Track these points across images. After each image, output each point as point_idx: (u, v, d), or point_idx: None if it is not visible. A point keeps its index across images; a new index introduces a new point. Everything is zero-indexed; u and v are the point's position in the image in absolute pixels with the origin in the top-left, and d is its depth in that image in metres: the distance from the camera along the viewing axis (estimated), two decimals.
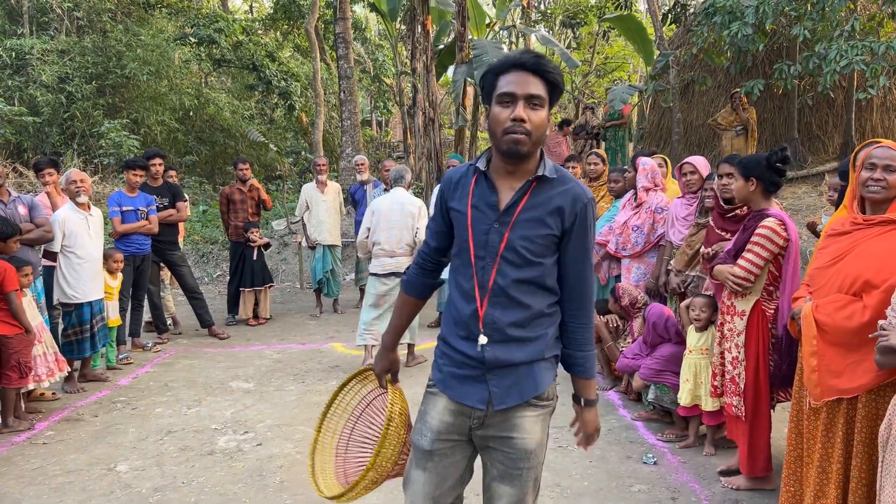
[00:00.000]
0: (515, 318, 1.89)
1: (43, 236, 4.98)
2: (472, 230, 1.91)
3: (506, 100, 1.81)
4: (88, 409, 4.91)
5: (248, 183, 7.67)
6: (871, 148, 2.71)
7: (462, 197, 1.96)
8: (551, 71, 1.84)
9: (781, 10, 8.63)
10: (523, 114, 1.78)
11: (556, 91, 1.87)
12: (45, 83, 14.46)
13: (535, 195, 1.88)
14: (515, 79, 1.81)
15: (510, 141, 1.80)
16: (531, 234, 1.87)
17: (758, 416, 3.44)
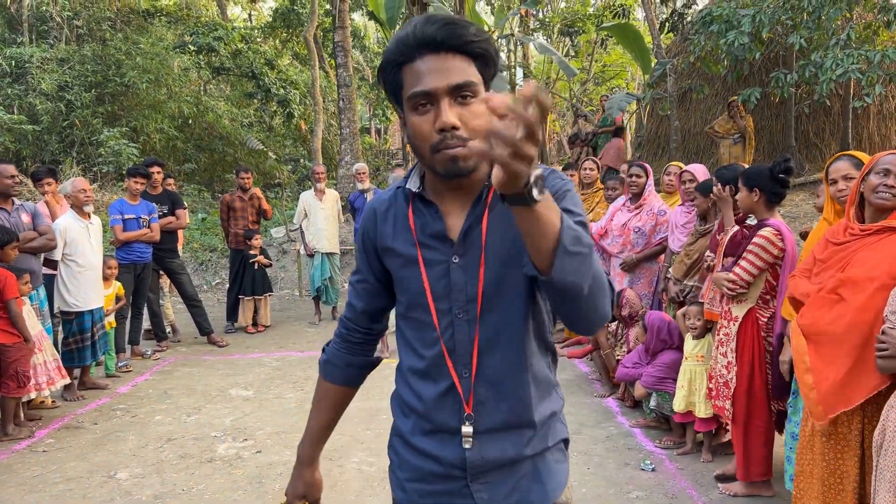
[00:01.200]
0: (517, 392, 1.36)
1: (46, 244, 5.00)
2: (428, 276, 1.37)
3: (422, 102, 1.25)
4: (88, 417, 4.92)
5: (249, 191, 7.70)
6: (882, 154, 2.72)
7: (400, 233, 1.42)
8: (473, 38, 1.25)
9: (778, 19, 8.70)
10: (451, 118, 1.22)
11: (489, 64, 1.30)
12: (44, 91, 14.51)
13: (496, 209, 1.35)
14: (427, 66, 1.24)
15: (446, 160, 1.24)
16: (506, 261, 1.33)
17: (752, 422, 3.46)
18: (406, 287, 1.42)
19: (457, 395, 1.36)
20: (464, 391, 1.35)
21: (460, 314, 1.35)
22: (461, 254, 1.35)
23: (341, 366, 1.58)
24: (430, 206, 1.38)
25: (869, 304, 2.59)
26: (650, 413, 4.47)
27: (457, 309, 1.35)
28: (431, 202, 1.38)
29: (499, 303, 1.35)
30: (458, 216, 1.37)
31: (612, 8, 15.49)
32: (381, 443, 4.31)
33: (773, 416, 3.53)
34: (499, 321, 1.35)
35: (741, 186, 3.46)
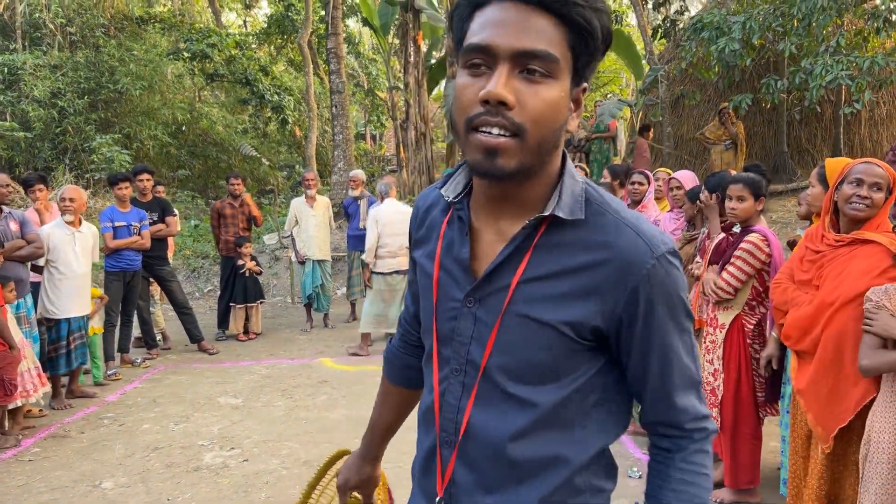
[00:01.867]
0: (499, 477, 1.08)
1: (34, 252, 4.98)
2: (437, 309, 1.11)
3: (476, 60, 0.95)
4: (75, 426, 4.89)
5: (240, 198, 7.68)
6: (855, 163, 2.73)
7: (430, 244, 1.16)
8: (579, 1, 0.92)
9: (768, 25, 8.74)
10: (504, 91, 0.91)
11: (590, 43, 0.95)
12: (37, 98, 14.49)
13: (545, 251, 1.02)
14: (499, 16, 0.94)
15: (478, 147, 0.94)
16: (534, 332, 1.02)
17: (739, 429, 3.46)
18: (422, 313, 1.17)
19: (435, 463, 1.13)
20: (442, 464, 1.11)
21: (457, 373, 1.08)
22: (479, 298, 1.05)
23: (399, 366, 1.41)
24: (463, 218, 1.08)
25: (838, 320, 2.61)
26: (639, 419, 4.45)
27: (455, 364, 1.08)
28: (467, 215, 1.08)
29: (509, 384, 1.04)
30: (493, 243, 1.05)
31: None
32: None
33: (761, 422, 3.54)
34: (505, 404, 1.05)
35: (746, 196, 3.42)
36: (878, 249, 2.55)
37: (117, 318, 6.23)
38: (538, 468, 1.06)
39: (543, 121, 0.94)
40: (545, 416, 1.04)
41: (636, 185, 5.22)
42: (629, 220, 1.02)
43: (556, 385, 1.04)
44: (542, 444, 1.05)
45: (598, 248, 1.00)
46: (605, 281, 1.00)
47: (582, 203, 1.02)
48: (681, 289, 1.05)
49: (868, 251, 2.59)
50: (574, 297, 1.00)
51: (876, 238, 2.60)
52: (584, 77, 1.00)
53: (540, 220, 1.01)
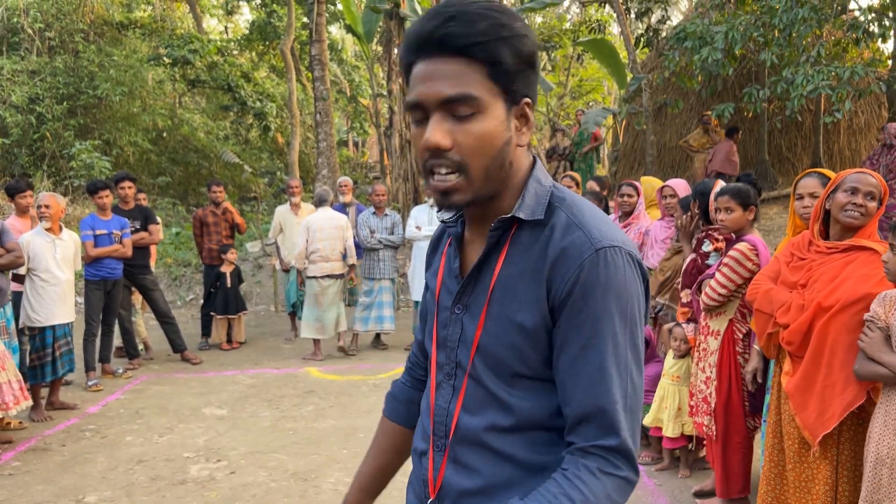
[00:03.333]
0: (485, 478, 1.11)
1: (14, 261, 4.88)
2: (438, 320, 1.19)
3: (417, 115, 1.05)
4: (56, 438, 4.78)
5: (222, 206, 7.60)
6: (848, 172, 2.75)
7: (435, 265, 1.27)
8: (478, 39, 0.99)
9: (750, 35, 8.85)
10: (438, 138, 1.00)
11: (506, 70, 1.02)
12: (14, 104, 14.25)
13: (515, 250, 1.09)
14: (423, 71, 1.03)
15: (435, 190, 1.05)
16: (508, 327, 1.07)
17: (730, 439, 3.46)
18: (428, 326, 1.24)
19: (426, 466, 1.18)
20: (434, 465, 1.16)
21: (449, 377, 1.15)
22: (465, 304, 1.12)
23: (402, 401, 1.38)
24: (458, 235, 1.18)
25: (832, 325, 2.62)
26: None
27: (447, 369, 1.15)
28: (458, 231, 1.18)
29: (493, 385, 1.09)
30: (478, 252, 1.13)
31: (587, 23, 15.68)
32: (357, 462, 4.22)
33: (751, 432, 3.54)
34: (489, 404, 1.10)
35: (734, 207, 3.42)
36: (876, 257, 2.57)
37: (98, 327, 6.11)
38: (524, 471, 1.09)
39: (481, 152, 1.03)
40: (528, 419, 1.08)
41: (626, 196, 5.25)
42: (582, 217, 1.07)
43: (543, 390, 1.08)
44: (524, 444, 1.09)
45: (551, 244, 1.05)
46: (552, 269, 1.04)
47: (544, 204, 1.09)
48: (623, 289, 1.03)
49: (866, 258, 2.61)
50: (533, 290, 1.05)
51: (873, 246, 2.62)
52: (520, 94, 1.06)
53: (507, 221, 1.09)
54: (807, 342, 2.73)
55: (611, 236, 1.04)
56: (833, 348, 2.63)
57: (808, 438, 2.71)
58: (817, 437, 2.65)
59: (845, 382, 2.60)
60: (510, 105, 1.05)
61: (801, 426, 2.73)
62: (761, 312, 2.97)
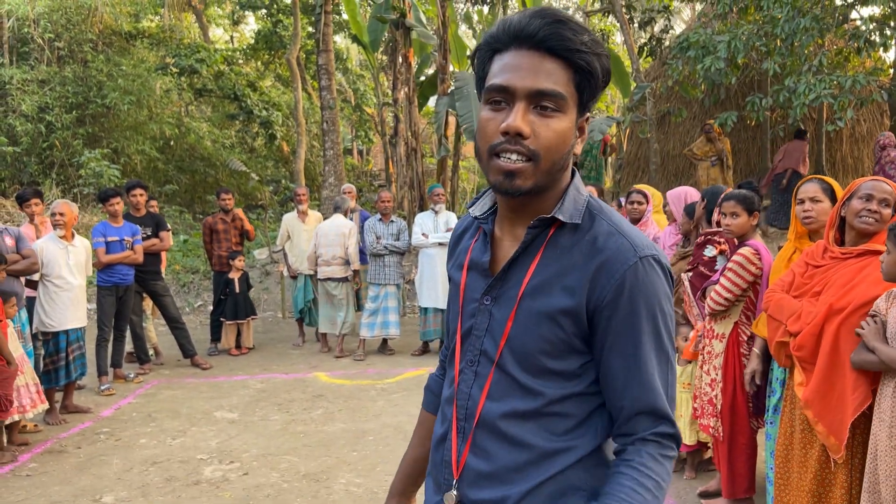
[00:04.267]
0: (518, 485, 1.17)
1: (30, 267, 4.98)
2: (462, 310, 1.26)
3: (497, 98, 1.12)
4: (71, 441, 4.87)
5: (231, 213, 7.70)
6: (864, 180, 2.83)
7: (460, 258, 1.32)
8: (582, 48, 1.09)
9: (752, 45, 8.94)
10: (521, 124, 1.08)
11: (592, 81, 1.13)
12: (24, 113, 14.41)
13: (551, 251, 1.17)
14: (515, 61, 1.10)
15: (499, 171, 1.11)
16: (540, 323, 1.15)
17: (736, 440, 3.53)
18: (451, 318, 1.32)
19: (449, 449, 1.24)
20: (458, 449, 1.22)
21: (471, 364, 1.22)
22: (495, 296, 1.20)
23: (438, 393, 1.47)
24: (486, 233, 1.25)
25: (845, 327, 2.68)
26: None
27: (470, 356, 1.22)
28: (491, 228, 1.25)
29: (519, 374, 1.17)
30: (510, 248, 1.21)
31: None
32: (367, 465, 4.32)
33: (756, 433, 3.61)
34: (510, 390, 1.18)
35: (740, 212, 3.50)
36: None
37: (110, 332, 6.20)
38: (537, 456, 1.16)
39: (554, 148, 1.12)
40: (549, 407, 1.16)
41: (635, 203, 5.35)
42: (621, 227, 1.17)
43: (564, 381, 1.17)
44: (540, 431, 1.16)
45: (592, 248, 1.14)
46: (595, 275, 1.13)
47: (582, 210, 1.18)
48: (661, 294, 1.15)
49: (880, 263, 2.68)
50: (571, 289, 1.14)
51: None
52: (588, 109, 1.18)
53: (545, 222, 1.17)
54: (817, 348, 2.78)
55: (650, 245, 1.16)
56: (845, 351, 2.67)
57: (831, 446, 2.69)
58: (843, 443, 2.65)
59: (855, 384, 2.65)
60: (580, 115, 1.16)
61: (825, 433, 2.70)
62: (773, 320, 3.03)
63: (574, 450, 1.17)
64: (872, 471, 2.40)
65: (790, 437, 2.98)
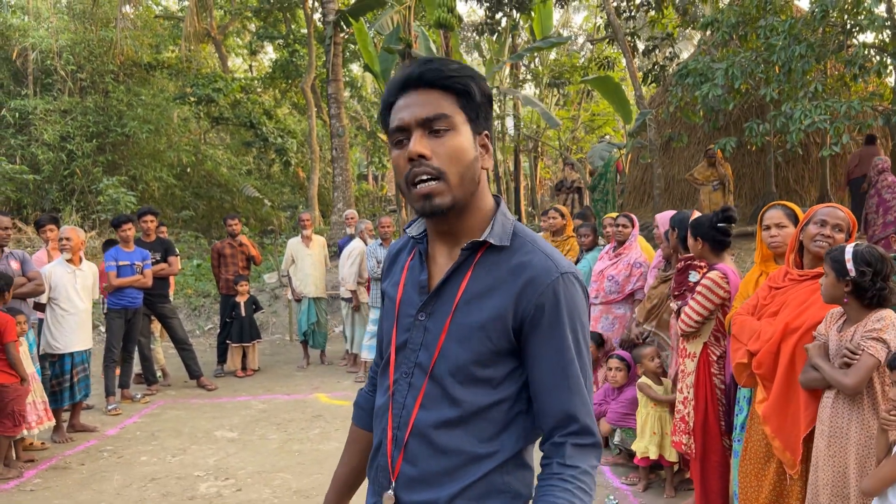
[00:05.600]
0: (449, 487, 1.28)
1: (35, 290, 5.21)
2: (397, 325, 1.36)
3: (399, 137, 1.27)
4: (76, 458, 5.06)
5: (238, 238, 7.95)
6: (819, 206, 2.99)
7: (395, 276, 1.43)
8: (452, 73, 1.26)
9: (751, 72, 9.10)
10: (420, 147, 1.22)
11: (472, 100, 1.28)
12: (46, 142, 14.93)
13: (482, 270, 1.29)
14: (404, 103, 1.27)
15: (418, 197, 1.24)
16: (471, 335, 1.27)
17: (708, 458, 3.63)
18: (385, 332, 1.42)
19: (384, 456, 1.33)
20: (392, 456, 1.32)
21: (406, 375, 1.32)
22: (429, 312, 1.31)
23: (368, 409, 1.56)
24: (422, 252, 1.37)
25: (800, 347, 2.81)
26: (615, 449, 4.62)
27: (405, 368, 1.32)
28: (426, 248, 1.37)
29: (449, 384, 1.27)
30: (444, 266, 1.33)
31: (597, 60, 16.05)
32: None
33: (728, 451, 3.70)
34: (444, 402, 1.27)
35: (689, 235, 3.70)
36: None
37: (118, 354, 6.42)
38: (465, 461, 1.27)
39: (456, 160, 1.25)
40: (474, 414, 1.27)
41: (621, 227, 5.48)
42: (544, 248, 1.31)
43: (491, 389, 1.28)
44: (467, 437, 1.27)
45: (518, 267, 1.28)
46: (522, 290, 1.26)
47: (510, 234, 1.31)
48: (581, 306, 1.29)
49: None
50: (498, 304, 1.26)
51: None
52: (482, 126, 1.32)
53: (476, 245, 1.29)
54: (775, 366, 2.91)
55: (569, 264, 1.30)
56: (800, 369, 2.81)
57: (787, 461, 2.85)
58: (797, 458, 2.79)
59: (807, 402, 2.78)
60: (475, 132, 1.30)
61: (780, 449, 2.87)
62: (735, 340, 3.16)
63: (498, 454, 1.28)
64: (814, 481, 2.51)
65: (751, 454, 3.09)
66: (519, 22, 17.46)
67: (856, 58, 8.63)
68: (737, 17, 9.63)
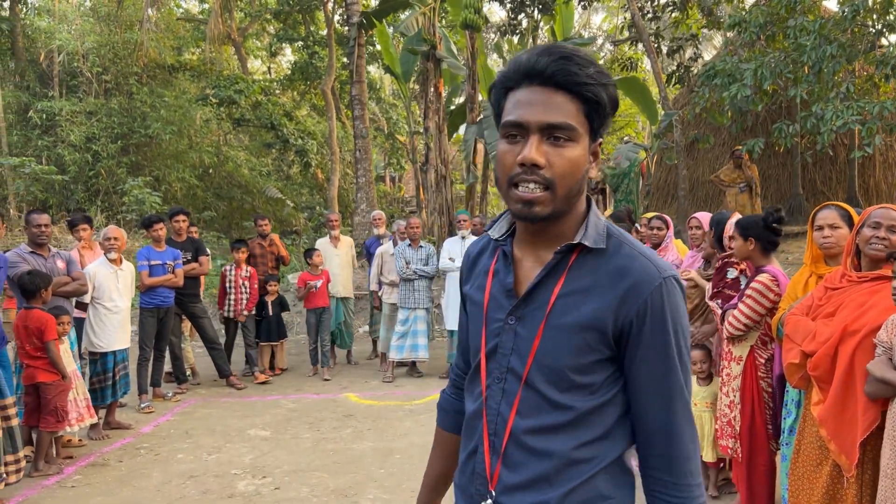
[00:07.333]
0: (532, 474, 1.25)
1: (79, 289, 5.27)
2: (486, 329, 1.32)
3: (512, 132, 1.21)
4: (114, 455, 5.10)
5: (268, 238, 7.99)
6: (874, 208, 2.93)
7: (479, 279, 1.38)
8: (588, 80, 1.18)
9: (779, 72, 9.01)
10: (536, 155, 1.17)
11: (600, 110, 1.22)
12: (72, 143, 15.10)
13: (576, 273, 1.24)
14: (527, 97, 1.20)
15: (518, 199, 1.20)
16: (568, 340, 1.23)
17: (755, 461, 3.59)
18: (471, 337, 1.38)
19: (481, 462, 1.30)
20: (490, 463, 1.28)
21: (498, 381, 1.28)
22: (519, 316, 1.27)
23: (451, 411, 1.56)
24: (507, 255, 1.32)
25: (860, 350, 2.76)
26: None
27: (497, 374, 1.29)
28: (511, 251, 1.32)
29: (547, 390, 1.24)
30: (532, 269, 1.29)
31: (620, 61, 15.98)
32: (394, 482, 4.46)
33: (774, 454, 3.66)
34: (542, 408, 1.25)
35: (737, 236, 3.66)
36: None
37: (150, 352, 6.48)
38: (565, 465, 1.23)
39: (569, 175, 1.20)
40: (577, 420, 1.24)
41: (655, 229, 5.44)
42: (642, 250, 1.27)
43: (589, 395, 1.24)
44: (567, 443, 1.24)
45: (617, 270, 1.23)
46: (623, 295, 1.21)
47: (604, 236, 1.26)
48: (683, 311, 1.25)
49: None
50: (596, 309, 1.22)
51: None
52: (599, 134, 1.27)
53: (570, 247, 1.25)
54: (832, 368, 2.87)
55: (670, 267, 1.25)
56: (859, 373, 2.76)
57: (843, 464, 2.79)
58: (853, 462, 2.74)
59: (866, 405, 2.73)
60: (592, 141, 1.24)
61: (836, 452, 2.80)
62: (789, 341, 3.12)
63: (598, 458, 1.24)
64: (881, 491, 2.47)
65: (804, 456, 3.05)
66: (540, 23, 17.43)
67: (888, 58, 8.52)
68: (765, 17, 9.55)
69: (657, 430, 1.25)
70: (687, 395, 1.26)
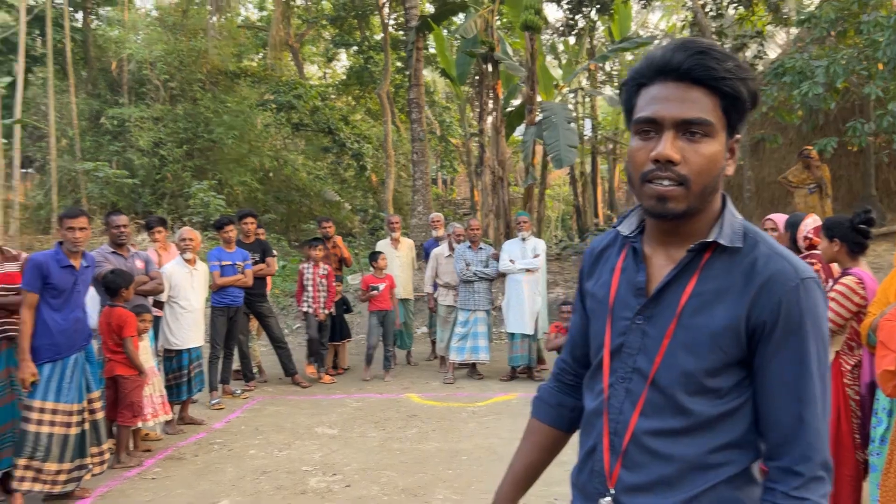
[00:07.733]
0: (653, 477, 1.22)
1: (156, 288, 5.47)
2: (611, 329, 1.29)
3: (646, 128, 1.18)
4: (189, 449, 5.26)
5: (332, 240, 8.12)
6: None
7: (604, 276, 1.34)
8: (726, 75, 1.14)
9: (852, 69, 8.69)
10: (671, 151, 1.14)
11: (739, 105, 1.17)
12: (141, 148, 15.67)
13: (709, 272, 1.20)
14: (661, 93, 1.17)
15: (651, 195, 1.17)
16: (699, 341, 1.18)
17: (840, 471, 3.46)
18: (593, 334, 1.35)
19: (600, 461, 1.27)
20: (610, 462, 1.25)
21: (622, 380, 1.25)
22: (648, 316, 1.23)
23: (552, 404, 1.51)
24: (638, 251, 1.28)
25: None
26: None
27: (622, 373, 1.26)
28: (640, 248, 1.28)
29: (674, 392, 1.20)
30: (663, 267, 1.25)
31: None
32: (463, 482, 4.46)
33: (861, 465, 3.53)
34: (667, 410, 1.20)
35: (822, 237, 3.55)
36: None
37: (221, 350, 6.66)
38: (689, 470, 1.19)
39: (704, 172, 1.16)
40: (701, 424, 1.19)
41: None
42: (780, 250, 1.21)
43: (718, 399, 1.19)
44: (693, 447, 1.19)
45: (752, 270, 1.18)
46: (756, 295, 1.16)
47: (741, 234, 1.21)
48: (823, 314, 1.19)
49: None
50: (730, 310, 1.17)
51: None
52: (737, 130, 1.22)
53: (704, 245, 1.20)
54: None
55: (809, 268, 1.19)
56: None
57: None
58: None
59: None
60: (729, 137, 1.20)
61: None
62: (883, 347, 3.01)
63: (725, 466, 1.19)
64: None
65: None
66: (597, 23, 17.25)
67: None
68: (836, 12, 9.22)
69: (785, 441, 1.17)
70: (822, 408, 1.18)
